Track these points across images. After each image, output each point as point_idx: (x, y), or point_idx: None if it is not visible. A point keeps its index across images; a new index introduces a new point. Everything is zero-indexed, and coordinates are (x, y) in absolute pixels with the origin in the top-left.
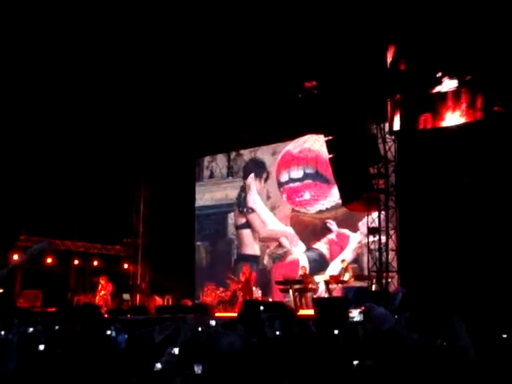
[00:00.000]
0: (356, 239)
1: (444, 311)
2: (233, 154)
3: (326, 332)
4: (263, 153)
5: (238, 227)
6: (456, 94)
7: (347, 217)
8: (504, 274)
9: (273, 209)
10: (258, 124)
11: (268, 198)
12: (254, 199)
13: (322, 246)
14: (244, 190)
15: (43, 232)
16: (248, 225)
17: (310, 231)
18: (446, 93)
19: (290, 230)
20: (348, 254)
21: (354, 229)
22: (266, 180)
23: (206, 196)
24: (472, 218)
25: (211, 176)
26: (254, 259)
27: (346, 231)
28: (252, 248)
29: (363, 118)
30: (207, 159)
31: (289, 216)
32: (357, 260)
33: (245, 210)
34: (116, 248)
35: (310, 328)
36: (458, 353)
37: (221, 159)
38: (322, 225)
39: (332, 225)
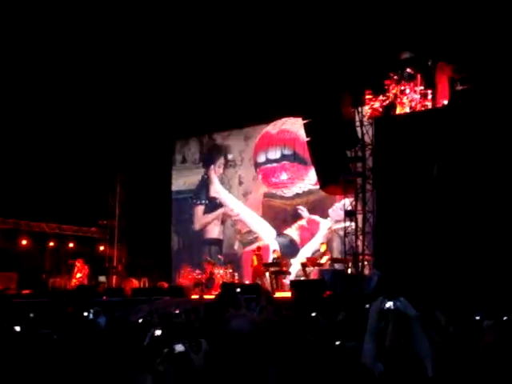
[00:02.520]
0: (326, 225)
1: (420, 295)
2: (205, 139)
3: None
4: (236, 137)
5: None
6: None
7: (318, 203)
8: (479, 257)
9: (245, 195)
10: (232, 108)
11: (240, 183)
12: (215, 188)
13: (292, 231)
14: (204, 178)
15: (18, 214)
16: (208, 210)
17: (281, 217)
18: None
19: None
20: (319, 240)
21: (325, 215)
22: (225, 167)
23: (179, 181)
24: (447, 203)
25: (183, 161)
26: (216, 243)
27: (316, 217)
28: (214, 232)
29: (341, 101)
30: (179, 143)
31: (260, 202)
32: (327, 246)
33: (204, 198)
34: (92, 230)
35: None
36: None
37: (193, 144)
38: (293, 211)
39: (303, 211)
